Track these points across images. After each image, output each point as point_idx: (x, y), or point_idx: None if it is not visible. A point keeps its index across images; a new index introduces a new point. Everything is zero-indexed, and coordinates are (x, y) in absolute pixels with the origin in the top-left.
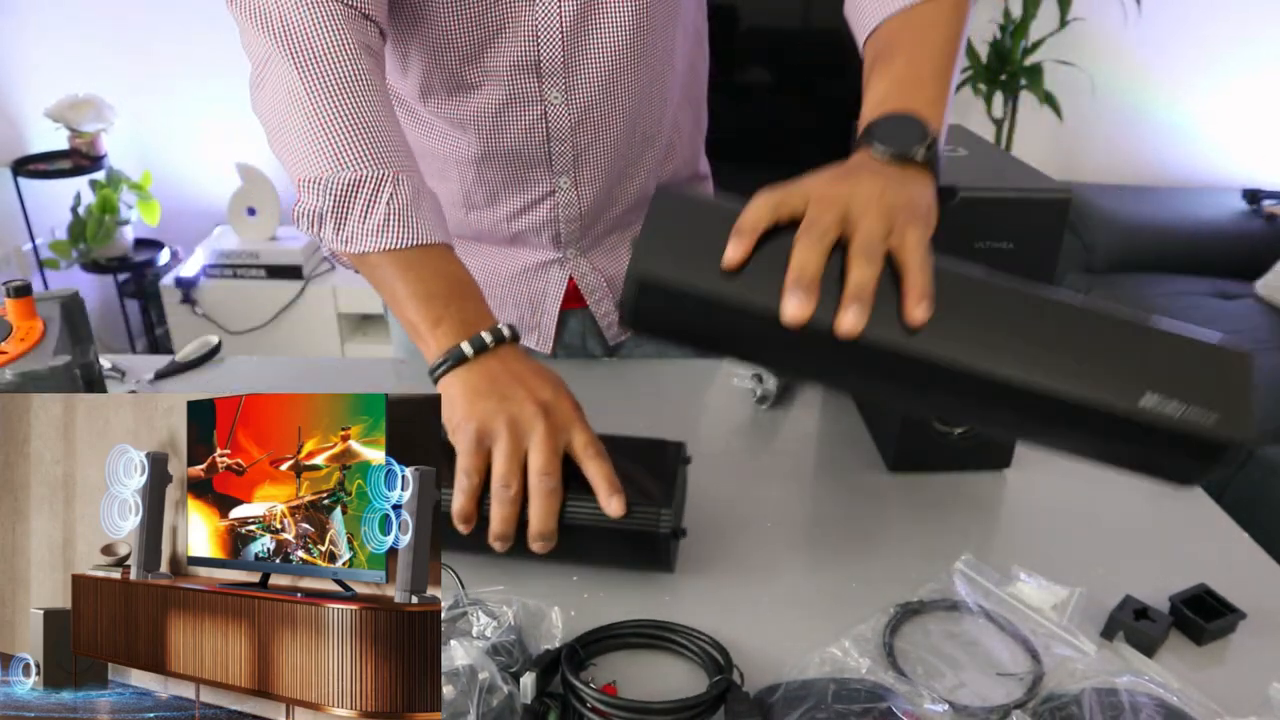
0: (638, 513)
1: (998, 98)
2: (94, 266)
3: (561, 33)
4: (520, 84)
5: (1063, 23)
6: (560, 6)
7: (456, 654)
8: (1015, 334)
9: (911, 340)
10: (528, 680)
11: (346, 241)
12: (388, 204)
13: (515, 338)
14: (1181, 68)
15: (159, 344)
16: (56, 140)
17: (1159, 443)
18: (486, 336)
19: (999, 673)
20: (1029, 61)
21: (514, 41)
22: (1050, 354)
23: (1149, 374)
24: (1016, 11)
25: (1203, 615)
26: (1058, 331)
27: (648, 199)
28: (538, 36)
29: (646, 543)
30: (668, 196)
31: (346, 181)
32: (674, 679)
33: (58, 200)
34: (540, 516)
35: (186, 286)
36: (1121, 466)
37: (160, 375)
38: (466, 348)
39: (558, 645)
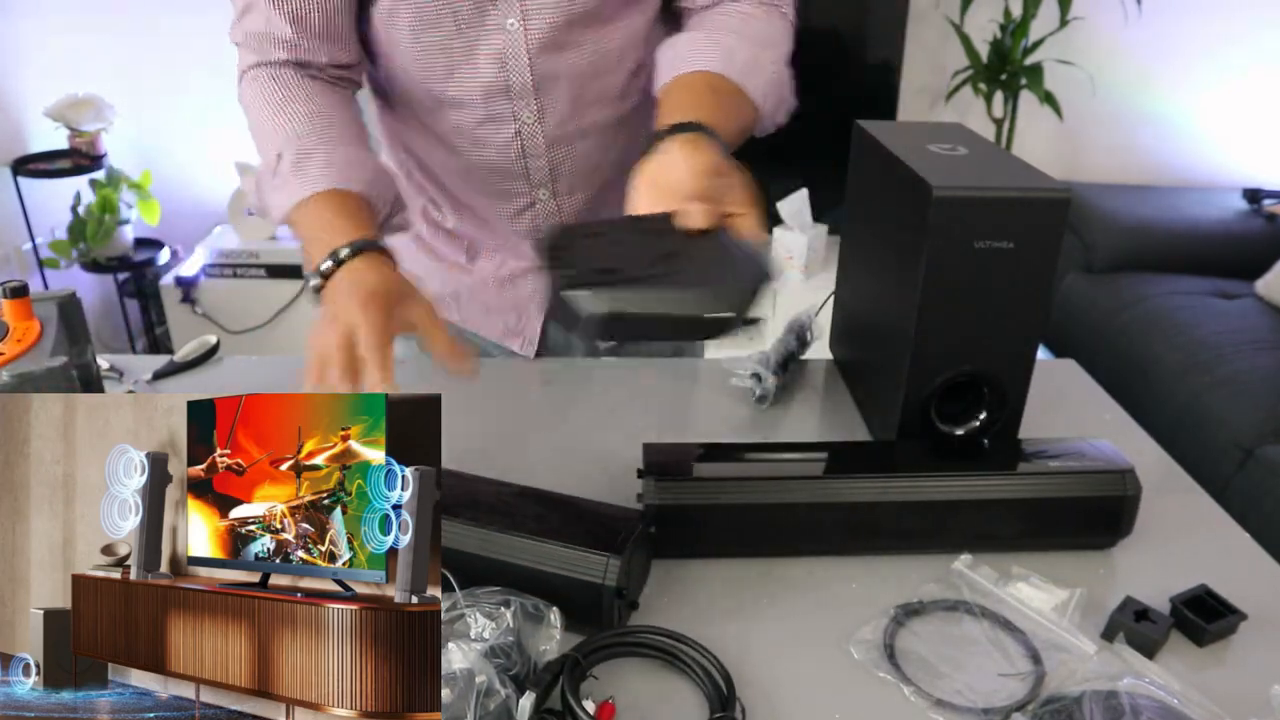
0: (579, 563)
1: (998, 97)
2: (94, 266)
3: (528, 58)
4: (493, 104)
5: (1063, 22)
6: (525, 34)
7: (454, 657)
8: None
9: None
10: (526, 702)
11: (272, 216)
12: (276, 176)
13: (357, 252)
14: (1182, 67)
15: (159, 344)
16: (56, 140)
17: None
18: (313, 278)
19: (1000, 674)
20: (1029, 61)
21: (483, 66)
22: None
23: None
24: (1017, 11)
25: (1203, 616)
26: None
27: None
28: (505, 63)
29: (590, 594)
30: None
31: (262, 164)
32: (675, 699)
33: (57, 200)
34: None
35: (186, 286)
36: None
37: (158, 375)
38: (313, 280)
39: (556, 648)
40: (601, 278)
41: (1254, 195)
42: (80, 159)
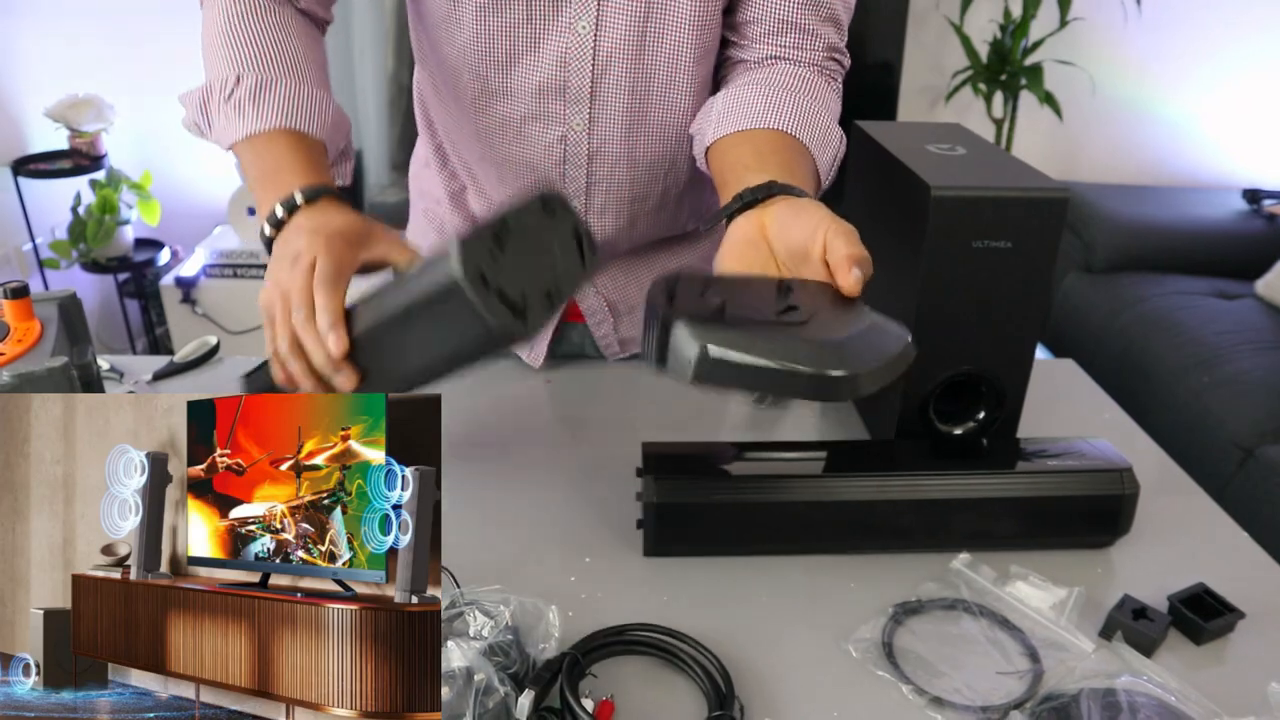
0: None
1: (998, 97)
2: (94, 266)
3: (591, 64)
4: (545, 103)
5: (1063, 22)
6: (595, 39)
7: (453, 656)
8: None
9: None
10: (525, 700)
11: (216, 139)
12: (231, 99)
13: (314, 198)
14: (1181, 67)
15: (159, 344)
16: (57, 140)
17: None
18: (267, 225)
19: (998, 672)
20: (1029, 61)
21: (544, 62)
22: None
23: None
24: (1017, 11)
25: (1201, 615)
26: None
27: (655, 239)
28: (567, 64)
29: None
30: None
31: (205, 85)
32: (674, 696)
33: (58, 200)
34: (310, 349)
35: (187, 286)
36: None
37: (159, 376)
38: (266, 229)
39: (555, 646)
40: (715, 316)
41: (1254, 195)
42: (80, 159)
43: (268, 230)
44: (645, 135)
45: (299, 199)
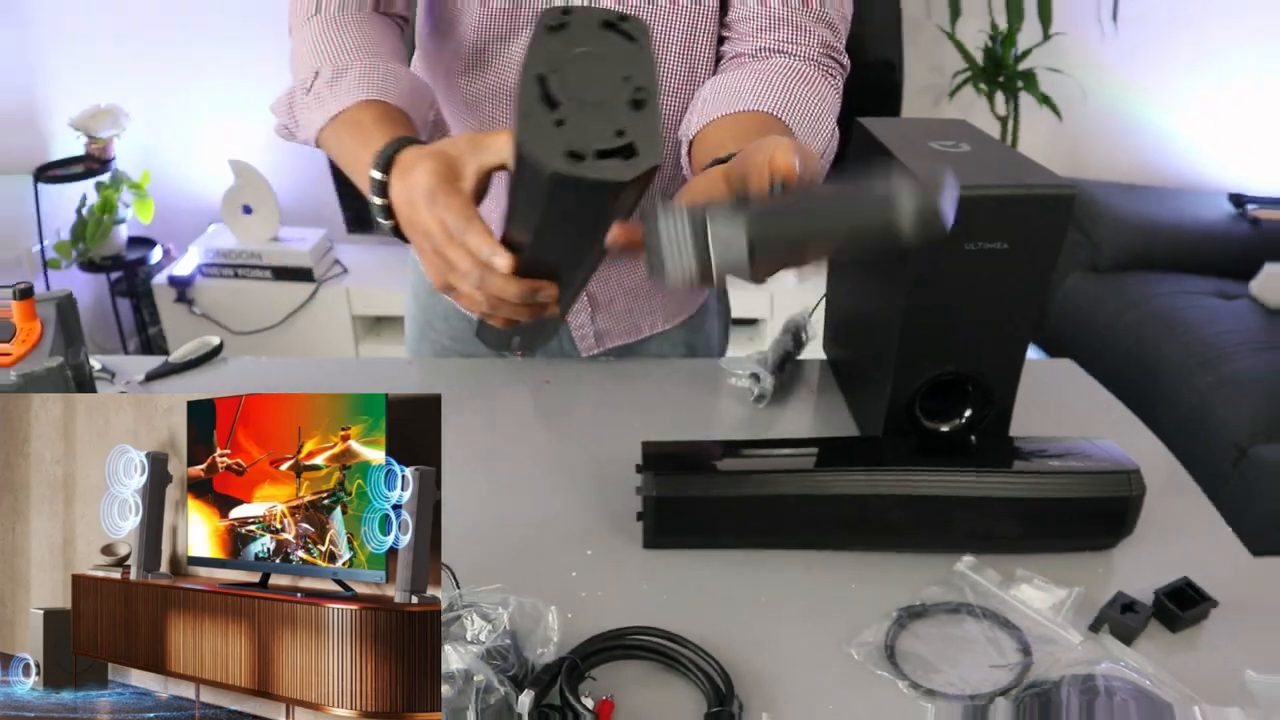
0: None
1: (999, 96)
2: (90, 266)
3: None
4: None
5: (1046, 35)
6: None
7: (451, 659)
8: None
9: None
10: (525, 700)
11: (304, 137)
12: (311, 91)
13: (393, 155)
14: (1161, 79)
15: (151, 344)
16: (75, 146)
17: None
18: (376, 209)
19: (991, 665)
20: (1022, 68)
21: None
22: None
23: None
24: (1003, 24)
25: (1180, 606)
26: None
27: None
28: None
29: None
30: None
31: (291, 88)
32: (674, 698)
33: (68, 203)
34: (489, 283)
35: (181, 285)
36: None
37: (151, 376)
38: (375, 202)
39: (554, 649)
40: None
41: (1239, 200)
42: (92, 163)
43: (378, 201)
44: None
45: (378, 169)
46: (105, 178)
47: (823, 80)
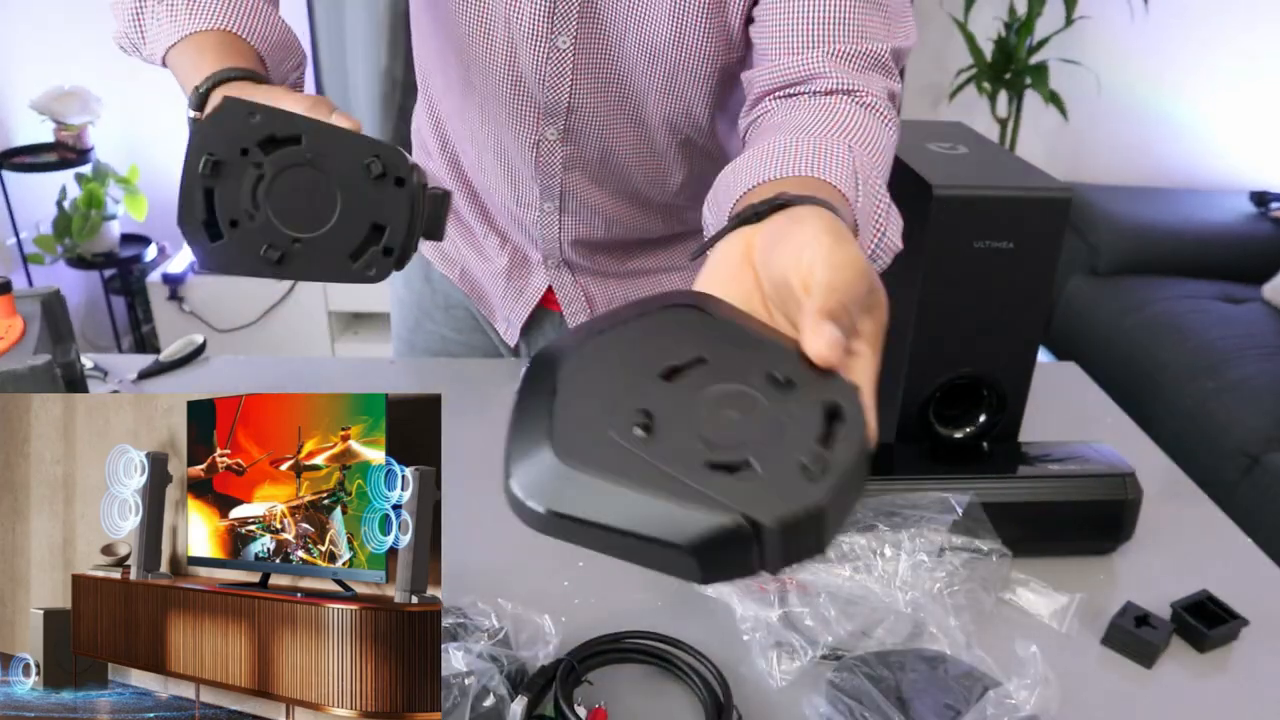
0: None
1: (1002, 97)
2: (79, 262)
3: (570, 83)
4: (520, 103)
5: (1069, 20)
6: (574, 56)
7: (446, 661)
8: None
9: None
10: (518, 706)
11: (150, 52)
12: (151, 13)
13: (225, 80)
14: (1188, 68)
15: (144, 342)
16: (42, 133)
17: None
18: (191, 110)
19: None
20: (1034, 60)
21: (522, 71)
22: None
23: None
24: (1022, 9)
25: (1204, 622)
26: None
27: (643, 245)
28: (543, 79)
29: None
30: None
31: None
32: (671, 705)
33: (42, 194)
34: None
35: (174, 283)
36: None
37: (143, 375)
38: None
39: (551, 654)
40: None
41: (1261, 198)
42: (66, 152)
43: (191, 113)
44: (623, 160)
45: (204, 87)
46: (85, 169)
47: (880, 125)
